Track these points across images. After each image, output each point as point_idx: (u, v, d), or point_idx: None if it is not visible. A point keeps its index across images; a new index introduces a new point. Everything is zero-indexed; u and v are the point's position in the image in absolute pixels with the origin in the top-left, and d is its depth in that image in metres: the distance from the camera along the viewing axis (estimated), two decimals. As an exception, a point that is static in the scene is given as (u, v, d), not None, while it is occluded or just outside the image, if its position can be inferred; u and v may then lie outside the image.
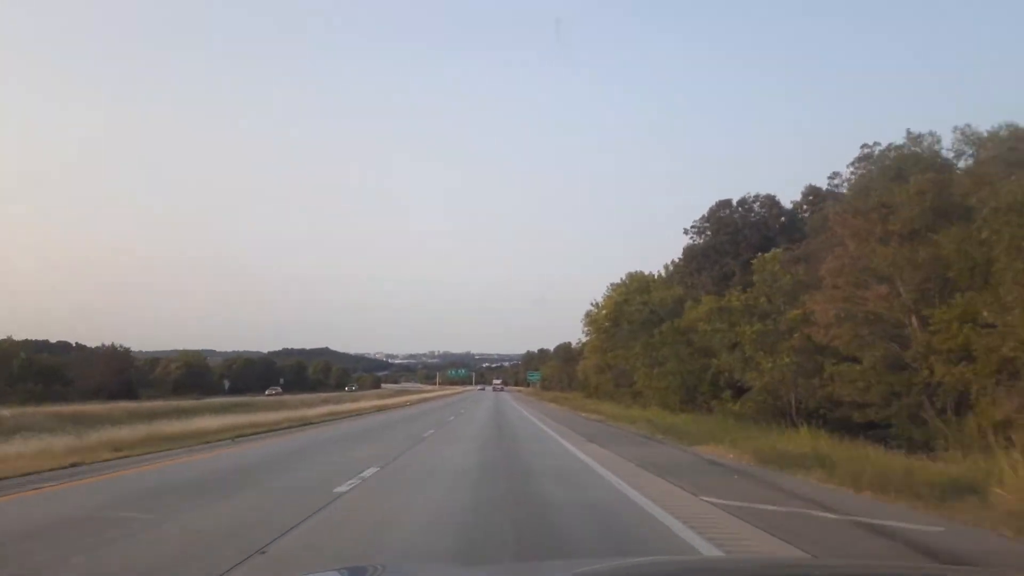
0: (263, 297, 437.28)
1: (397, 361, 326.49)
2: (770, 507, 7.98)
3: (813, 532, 6.70)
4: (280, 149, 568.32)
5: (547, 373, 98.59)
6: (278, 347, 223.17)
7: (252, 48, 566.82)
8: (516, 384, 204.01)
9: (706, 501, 8.49)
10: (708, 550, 5.95)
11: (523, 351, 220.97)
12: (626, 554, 5.77)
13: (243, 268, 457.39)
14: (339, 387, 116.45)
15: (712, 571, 2.59)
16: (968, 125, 22.79)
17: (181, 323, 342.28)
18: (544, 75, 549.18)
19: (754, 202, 35.83)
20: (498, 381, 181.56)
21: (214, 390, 71.10)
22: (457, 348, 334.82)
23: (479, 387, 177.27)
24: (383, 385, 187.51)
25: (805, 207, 33.61)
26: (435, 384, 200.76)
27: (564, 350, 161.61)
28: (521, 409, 41.62)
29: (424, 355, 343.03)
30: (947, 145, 23.43)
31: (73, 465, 12.46)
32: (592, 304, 58.92)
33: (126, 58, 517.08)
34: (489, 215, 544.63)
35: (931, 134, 24.29)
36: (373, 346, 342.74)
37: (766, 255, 23.82)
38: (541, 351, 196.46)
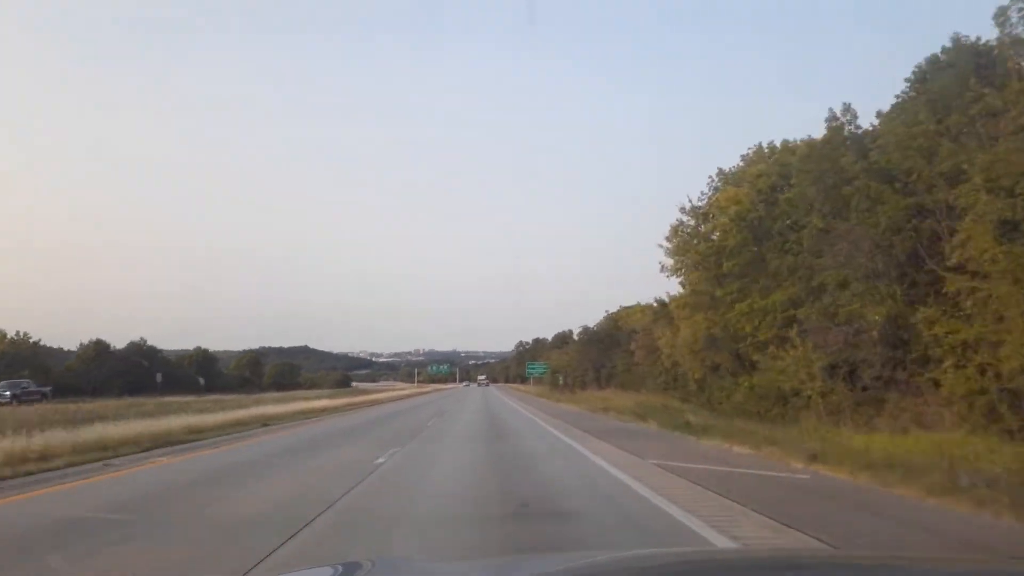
0: (241, 295, 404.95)
1: (382, 360, 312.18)
2: None
3: None
4: (257, 146, 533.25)
5: (561, 364, 67.74)
6: (257, 345, 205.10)
7: (224, 46, 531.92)
8: (507, 381, 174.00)
9: None
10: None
11: (508, 348, 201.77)
12: None
13: (222, 266, 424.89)
14: (279, 387, 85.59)
15: (722, 563, 2.55)
16: None
17: (159, 320, 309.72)
18: (520, 60, 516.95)
19: None
20: (483, 377, 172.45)
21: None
22: (442, 346, 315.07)
23: (463, 384, 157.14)
24: (354, 384, 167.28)
25: None
26: (412, 382, 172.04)
27: (569, 335, 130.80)
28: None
29: (409, 353, 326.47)
30: None
31: None
32: (683, 211, 27.95)
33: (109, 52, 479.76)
34: (472, 212, 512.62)
35: None
36: (357, 345, 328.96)
37: None
38: (537, 341, 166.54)
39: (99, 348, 61.28)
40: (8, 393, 38.70)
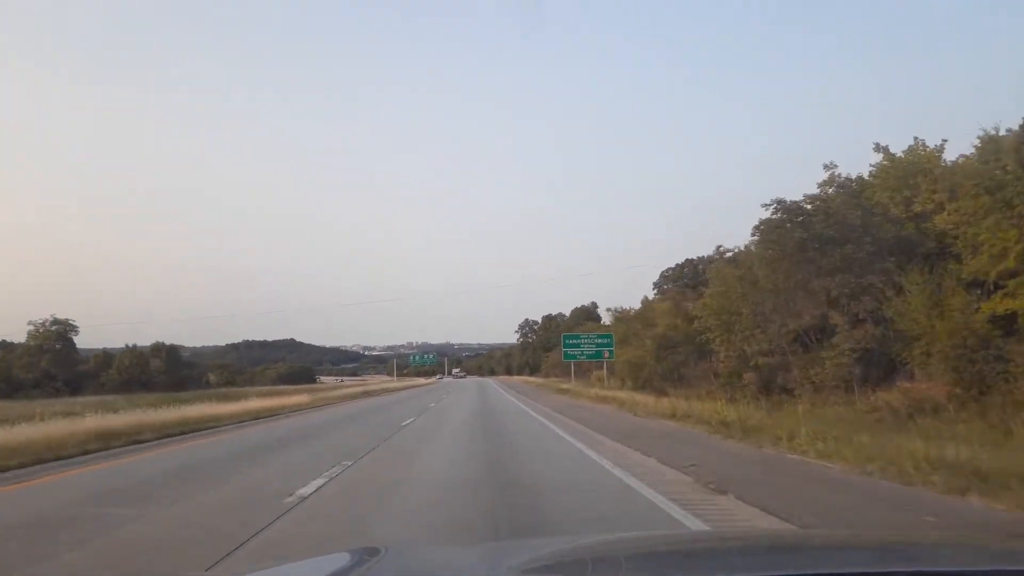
0: (224, 287, 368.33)
1: (374, 353, 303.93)
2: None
3: None
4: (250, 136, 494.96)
5: (687, 327, 26.96)
6: (239, 339, 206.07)
7: (228, 45, 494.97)
8: (509, 372, 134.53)
9: None
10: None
11: (502, 340, 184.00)
12: None
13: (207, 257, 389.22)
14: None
15: (697, 544, 2.66)
16: None
17: (128, 314, 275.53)
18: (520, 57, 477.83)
19: None
20: (458, 370, 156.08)
21: None
22: (436, 339, 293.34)
23: (436, 377, 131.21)
24: (322, 379, 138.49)
25: None
26: (389, 377, 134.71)
27: (593, 309, 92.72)
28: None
29: (402, 346, 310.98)
30: None
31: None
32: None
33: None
34: (463, 206, 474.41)
35: None
36: (350, 338, 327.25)
37: None
38: (549, 318, 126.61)
39: None
40: None
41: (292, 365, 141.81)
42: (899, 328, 18.01)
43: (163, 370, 66.13)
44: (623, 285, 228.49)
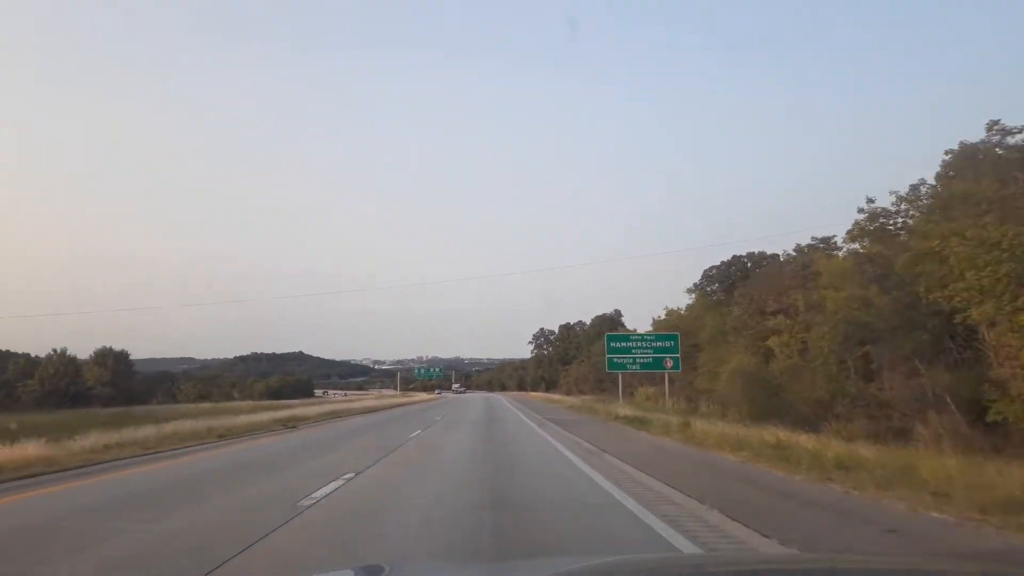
0: (232, 300, 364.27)
1: (384, 367, 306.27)
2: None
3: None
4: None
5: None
6: (247, 352, 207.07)
7: (231, 44, 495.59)
8: (522, 388, 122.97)
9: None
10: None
11: (512, 356, 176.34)
12: None
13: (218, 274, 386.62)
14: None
15: (698, 568, 2.58)
16: None
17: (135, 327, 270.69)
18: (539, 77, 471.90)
19: None
20: (458, 385, 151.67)
21: None
22: (446, 353, 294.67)
23: (436, 392, 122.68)
24: (322, 392, 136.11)
25: None
26: (415, 390, 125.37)
27: (617, 316, 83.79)
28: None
29: (412, 360, 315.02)
30: None
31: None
32: None
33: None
34: (474, 218, 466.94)
35: None
36: (360, 352, 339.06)
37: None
38: (567, 328, 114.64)
39: None
40: None
41: (286, 378, 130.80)
42: None
43: (107, 380, 54.59)
44: (648, 292, 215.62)
